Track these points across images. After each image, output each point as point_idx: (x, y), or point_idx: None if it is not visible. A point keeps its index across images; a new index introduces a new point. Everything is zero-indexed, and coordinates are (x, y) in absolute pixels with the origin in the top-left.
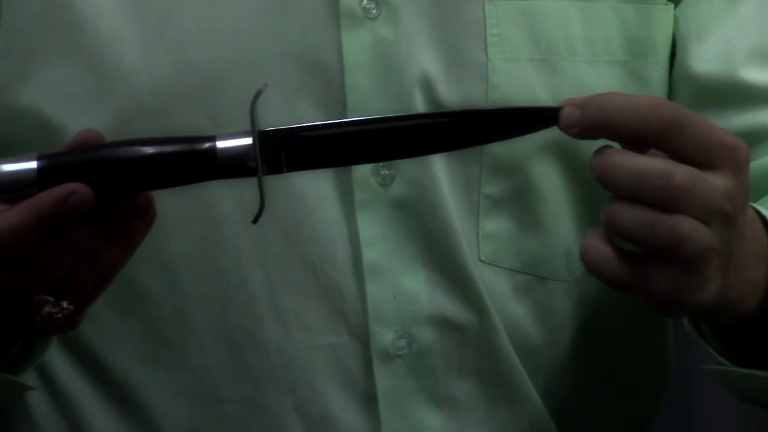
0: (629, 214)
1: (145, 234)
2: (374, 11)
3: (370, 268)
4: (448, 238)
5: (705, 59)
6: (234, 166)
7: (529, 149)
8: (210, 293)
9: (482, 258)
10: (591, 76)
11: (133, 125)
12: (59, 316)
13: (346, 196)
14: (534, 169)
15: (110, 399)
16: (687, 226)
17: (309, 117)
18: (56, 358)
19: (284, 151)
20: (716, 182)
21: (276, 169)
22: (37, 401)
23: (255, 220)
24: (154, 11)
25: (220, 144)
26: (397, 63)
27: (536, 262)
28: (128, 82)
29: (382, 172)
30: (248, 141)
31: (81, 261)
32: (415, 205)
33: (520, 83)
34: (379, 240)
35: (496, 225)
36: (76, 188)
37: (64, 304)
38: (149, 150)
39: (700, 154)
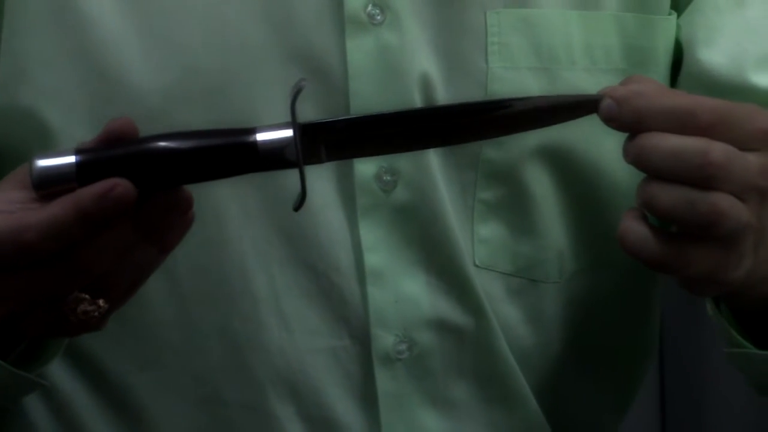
0: (668, 194)
1: (182, 237)
2: (379, 17)
3: (372, 273)
4: (447, 243)
5: (716, 63)
6: (275, 158)
7: (523, 154)
8: (213, 297)
9: (477, 263)
10: (589, 84)
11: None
12: (95, 314)
13: (349, 201)
14: (527, 175)
15: (107, 402)
16: (726, 202)
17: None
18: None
19: (324, 142)
20: (751, 159)
21: (315, 159)
22: (33, 404)
23: (297, 208)
24: (159, 15)
25: (261, 136)
26: (399, 69)
27: (529, 266)
28: (132, 86)
29: (384, 178)
30: (289, 133)
31: (119, 259)
32: (417, 211)
33: (519, 91)
34: (380, 245)
35: (491, 230)
36: (118, 182)
37: (101, 303)
38: (190, 143)
39: (737, 143)
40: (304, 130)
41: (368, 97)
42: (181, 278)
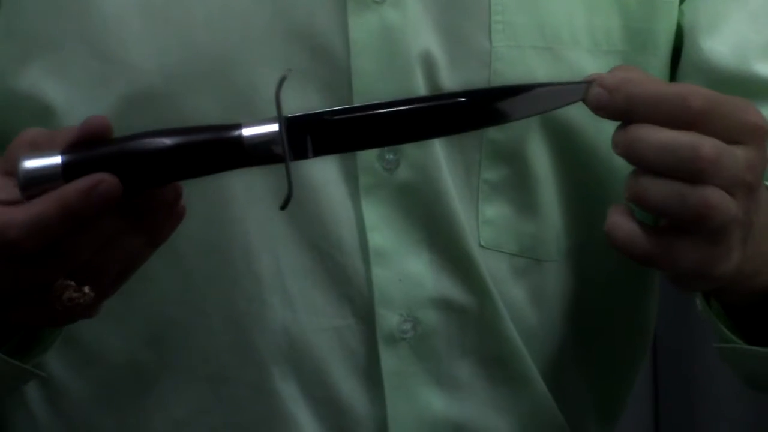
0: (658, 188)
1: (172, 230)
2: None
3: (376, 252)
4: (450, 222)
5: (718, 51)
6: (261, 153)
7: (526, 134)
8: (217, 276)
9: (482, 243)
10: (591, 65)
11: (139, 109)
12: (81, 301)
13: (352, 180)
14: (530, 154)
15: (108, 384)
16: (716, 196)
17: (314, 100)
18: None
19: (310, 136)
20: (739, 154)
21: (302, 154)
22: (30, 389)
23: (283, 207)
24: None
25: (246, 132)
26: (402, 48)
27: (533, 246)
28: (134, 66)
29: (387, 157)
30: (274, 128)
31: (105, 247)
32: (419, 190)
33: (522, 70)
34: (384, 224)
35: (496, 210)
36: (103, 178)
37: (86, 290)
38: (175, 140)
39: (726, 135)
40: (291, 124)
41: (370, 75)
42: (185, 257)
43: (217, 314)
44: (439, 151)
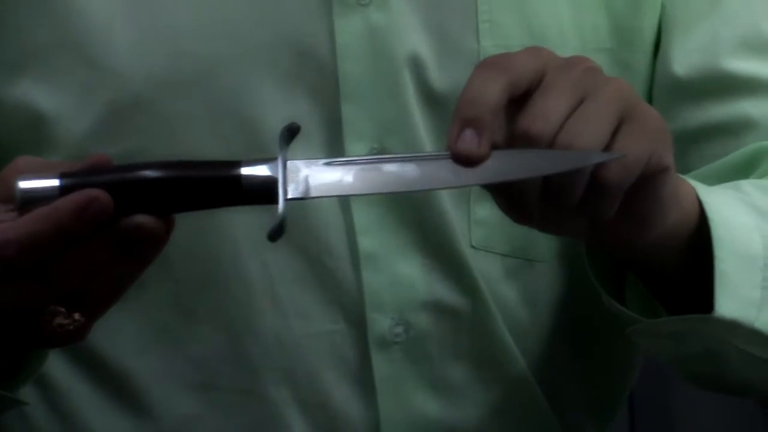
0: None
1: (159, 252)
2: None
3: (366, 256)
4: (441, 224)
5: (688, 50)
6: (258, 193)
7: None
8: (206, 282)
9: (474, 244)
10: None
11: (127, 116)
12: (71, 327)
13: None
14: None
15: (104, 388)
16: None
17: (302, 105)
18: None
19: (309, 177)
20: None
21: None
22: (27, 393)
23: (273, 239)
24: (146, 2)
25: (245, 171)
26: (389, 50)
27: (524, 246)
28: (121, 74)
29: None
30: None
31: (95, 274)
32: (409, 193)
33: None
34: (374, 228)
35: (487, 211)
36: (96, 195)
37: (76, 316)
38: (173, 173)
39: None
40: (291, 166)
41: (358, 78)
42: (175, 264)
43: (208, 321)
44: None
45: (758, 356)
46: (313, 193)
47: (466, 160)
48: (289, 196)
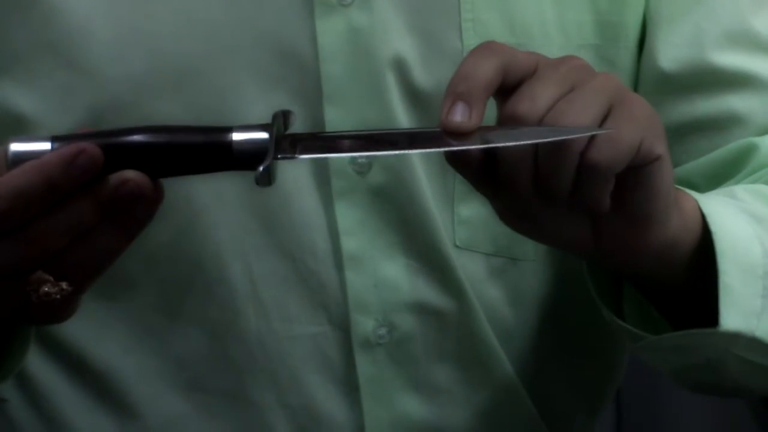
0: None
1: (146, 224)
2: None
3: (350, 258)
4: (426, 224)
5: (674, 44)
6: (248, 157)
7: None
8: (190, 284)
9: (458, 243)
10: None
11: (108, 119)
12: (57, 297)
13: (324, 185)
14: None
15: (88, 388)
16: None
17: (285, 107)
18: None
19: (299, 142)
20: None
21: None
22: (11, 395)
23: (259, 183)
24: (126, 3)
25: (237, 136)
26: (371, 50)
27: (509, 245)
28: (102, 76)
29: (359, 160)
30: (264, 135)
31: (80, 240)
32: (393, 193)
33: None
34: (357, 229)
35: (471, 210)
36: (84, 147)
37: (63, 285)
38: (166, 137)
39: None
40: (281, 136)
41: (340, 79)
42: (159, 263)
43: (193, 322)
44: (412, 154)
45: (758, 363)
46: (302, 154)
47: (456, 132)
48: (279, 156)
